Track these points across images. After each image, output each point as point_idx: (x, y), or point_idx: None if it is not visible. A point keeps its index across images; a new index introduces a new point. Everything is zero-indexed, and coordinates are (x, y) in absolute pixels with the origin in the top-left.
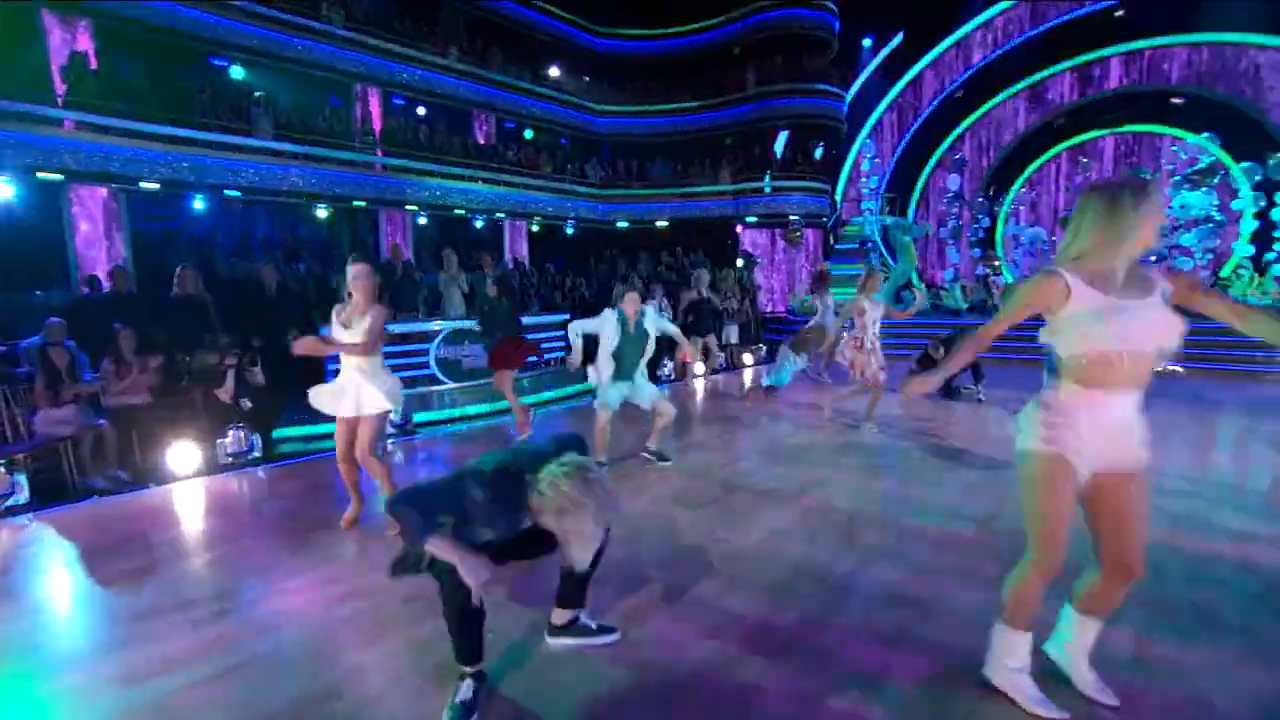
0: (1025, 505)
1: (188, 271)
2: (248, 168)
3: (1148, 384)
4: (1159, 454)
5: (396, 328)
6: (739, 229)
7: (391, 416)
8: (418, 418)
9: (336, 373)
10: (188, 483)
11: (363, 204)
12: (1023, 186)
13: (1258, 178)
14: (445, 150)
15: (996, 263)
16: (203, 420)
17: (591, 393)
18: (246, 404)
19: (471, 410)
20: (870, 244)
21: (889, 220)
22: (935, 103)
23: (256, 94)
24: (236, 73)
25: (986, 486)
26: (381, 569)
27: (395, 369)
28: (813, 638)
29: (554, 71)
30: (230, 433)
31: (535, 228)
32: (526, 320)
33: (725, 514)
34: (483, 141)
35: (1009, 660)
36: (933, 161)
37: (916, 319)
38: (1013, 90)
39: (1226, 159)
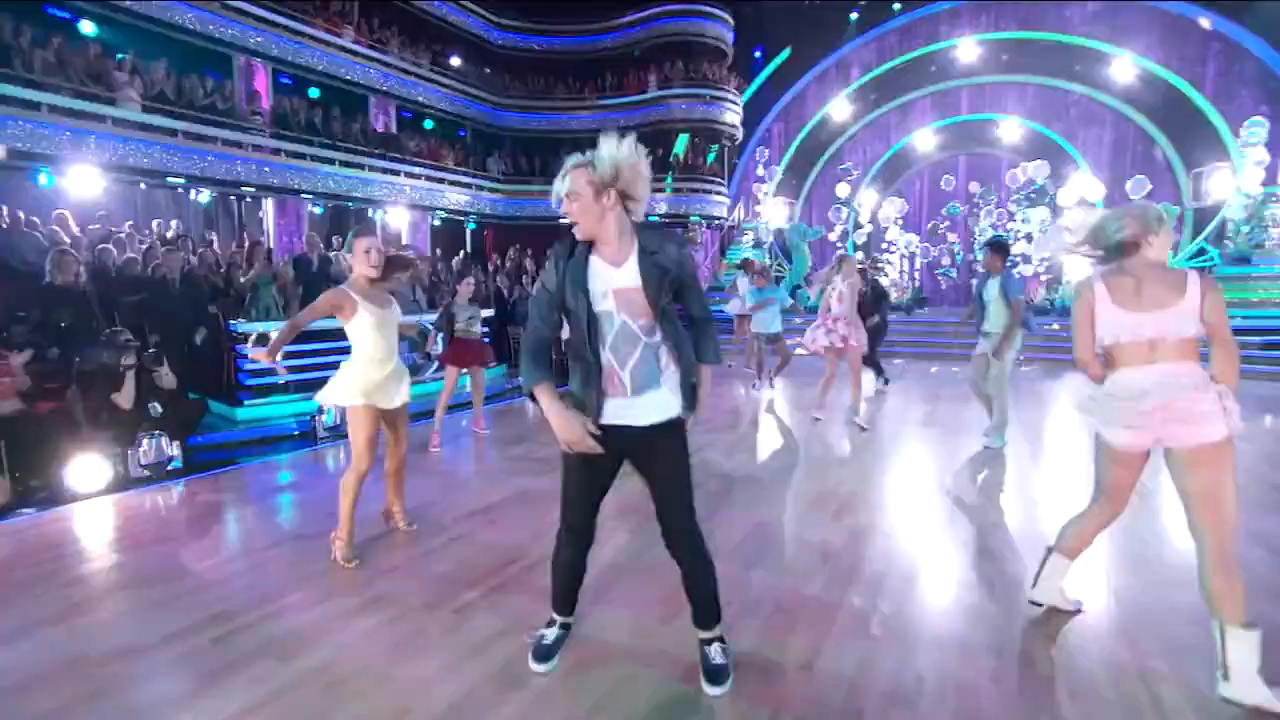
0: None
1: (66, 257)
2: (110, 142)
3: None
4: None
5: (318, 324)
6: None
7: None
8: None
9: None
10: (98, 500)
11: (251, 190)
12: (893, 196)
13: (1075, 201)
14: (342, 137)
15: (879, 264)
16: (102, 429)
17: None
18: (156, 409)
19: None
20: (766, 245)
21: (787, 225)
22: (818, 116)
23: (120, 57)
24: (88, 29)
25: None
26: (384, 575)
27: (318, 368)
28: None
29: (455, 61)
30: (144, 441)
31: (437, 221)
32: (433, 318)
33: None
34: (381, 130)
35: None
36: (816, 170)
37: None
38: (884, 109)
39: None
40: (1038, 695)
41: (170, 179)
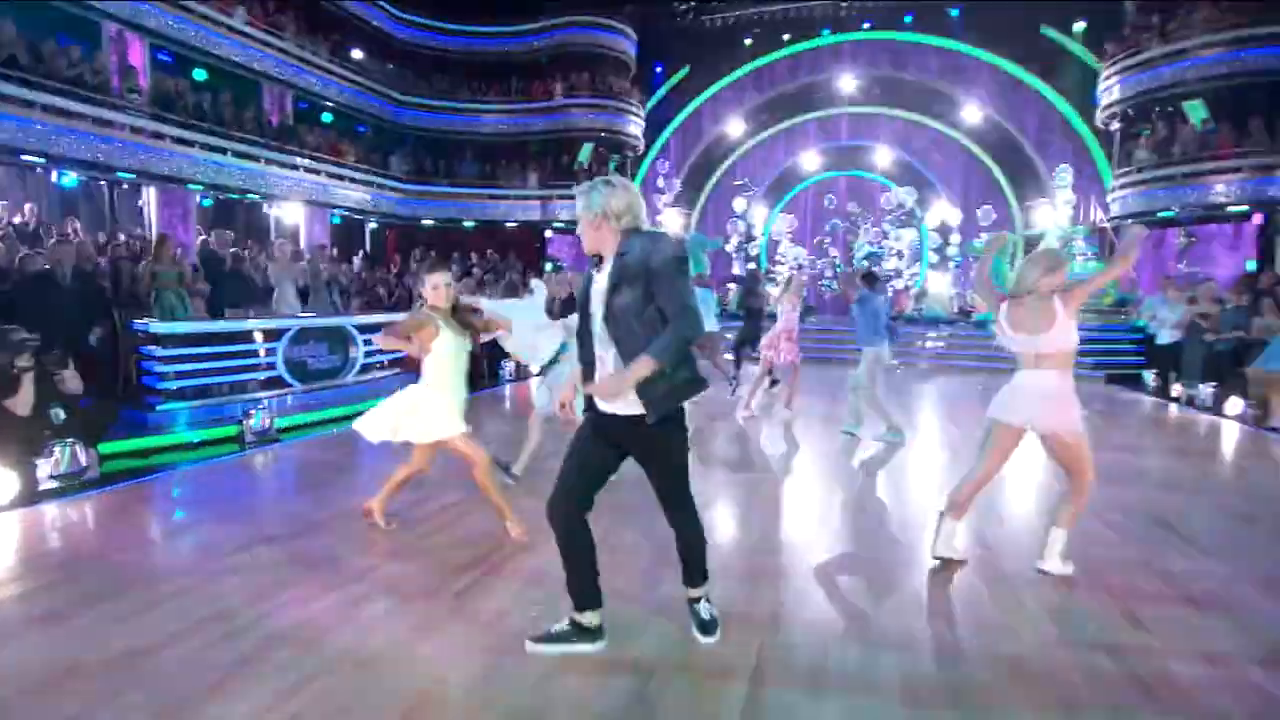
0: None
1: None
2: None
3: None
4: None
5: (228, 326)
6: (547, 235)
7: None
8: (280, 423)
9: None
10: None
11: (131, 176)
12: (782, 211)
13: (935, 225)
14: (233, 124)
15: (772, 274)
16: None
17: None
18: (59, 415)
19: (335, 412)
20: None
21: (690, 235)
22: (714, 132)
23: None
24: None
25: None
26: (375, 568)
27: (229, 371)
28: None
29: (356, 54)
30: (55, 450)
31: (336, 219)
32: (359, 321)
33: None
34: (277, 121)
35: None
36: (711, 184)
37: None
38: (774, 130)
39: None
40: (947, 615)
41: (27, 157)
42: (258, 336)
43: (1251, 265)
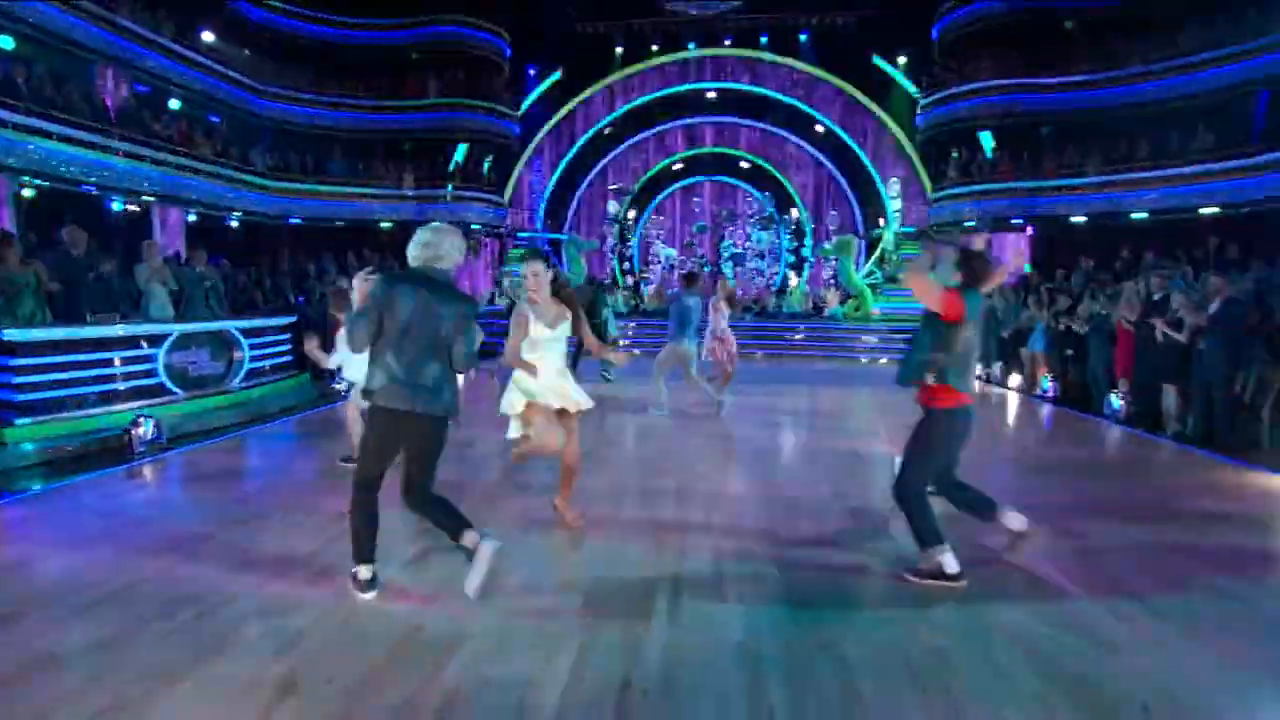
0: None
1: None
2: None
3: None
4: None
5: (95, 332)
6: None
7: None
8: (170, 431)
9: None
10: None
11: None
12: (653, 213)
13: (791, 228)
14: (62, 107)
15: (644, 274)
16: None
17: None
18: None
19: (222, 420)
20: (542, 255)
21: (567, 236)
22: (585, 136)
23: None
24: None
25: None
26: (316, 544)
27: (99, 380)
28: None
29: (207, 37)
30: None
31: (193, 217)
32: (241, 324)
33: None
34: (114, 104)
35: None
36: (584, 185)
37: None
38: (644, 134)
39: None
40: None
41: None
42: (138, 342)
43: (1028, 268)
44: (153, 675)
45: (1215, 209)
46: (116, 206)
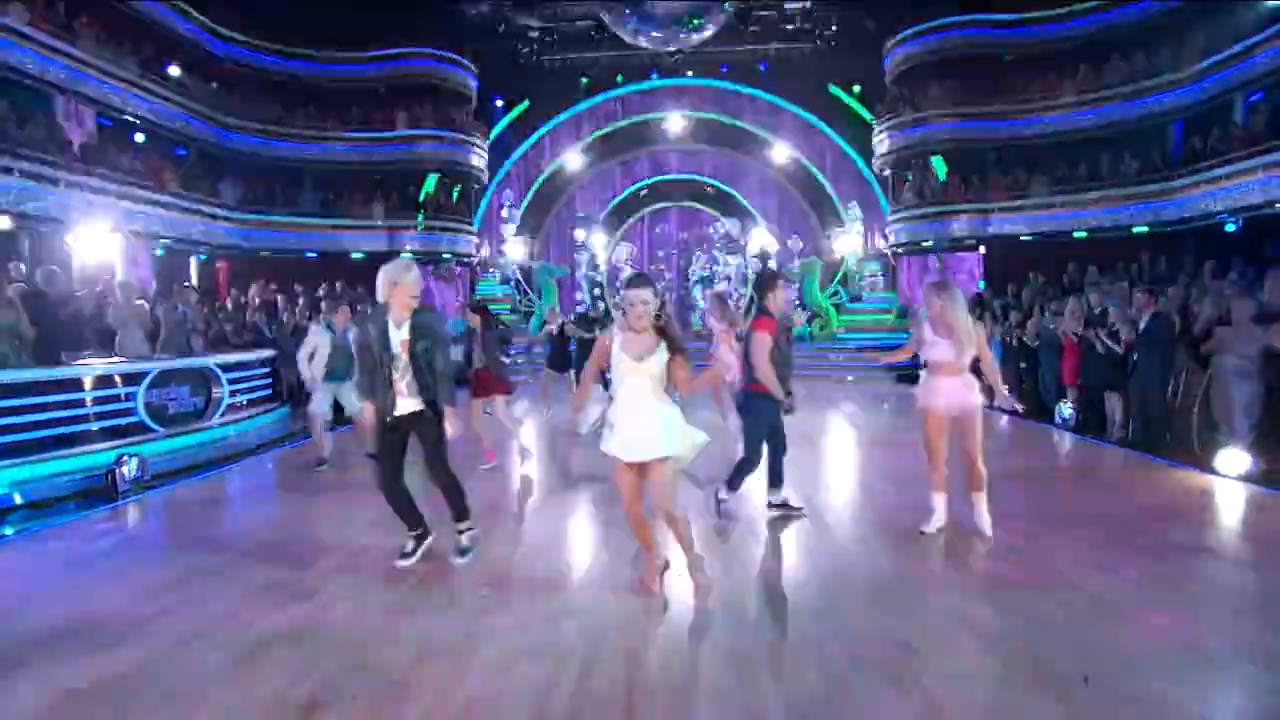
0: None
1: None
2: None
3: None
4: None
5: (72, 372)
6: None
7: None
8: (152, 469)
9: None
10: None
11: None
12: (621, 239)
13: (757, 252)
14: (23, 142)
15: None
16: None
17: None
18: None
19: (204, 456)
20: (511, 281)
21: (537, 264)
22: (552, 166)
23: None
24: None
25: None
26: (321, 570)
27: (77, 420)
28: None
29: (174, 71)
30: None
31: (160, 251)
32: (220, 360)
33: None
34: (79, 139)
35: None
36: (552, 214)
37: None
38: (610, 162)
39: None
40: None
41: None
42: (117, 380)
43: (981, 285)
44: (172, 704)
45: (1145, 228)
46: (72, 241)
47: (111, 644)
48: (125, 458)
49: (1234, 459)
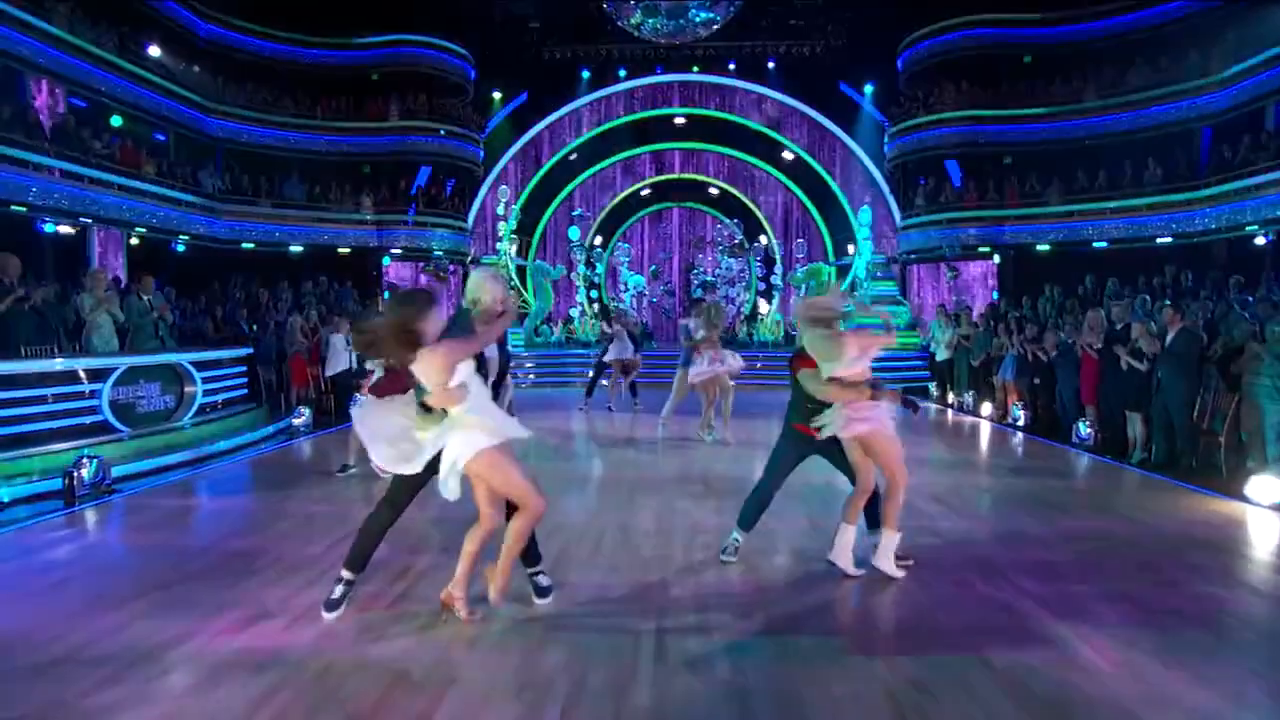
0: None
1: None
2: None
3: None
4: None
5: (33, 366)
6: (385, 261)
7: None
8: (116, 471)
9: None
10: None
11: None
12: (621, 239)
13: (761, 256)
14: None
15: (618, 303)
16: None
17: None
18: None
19: (173, 459)
20: (506, 280)
21: (532, 263)
22: (551, 161)
23: None
24: None
25: None
26: (284, 591)
27: (36, 418)
28: None
29: (153, 51)
30: None
31: (135, 240)
32: (193, 357)
33: None
34: (49, 120)
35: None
36: (550, 211)
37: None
38: (611, 160)
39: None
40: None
41: None
42: (81, 375)
43: (995, 295)
44: None
45: (1169, 238)
46: (50, 229)
47: (50, 667)
48: (84, 459)
49: (1266, 485)
